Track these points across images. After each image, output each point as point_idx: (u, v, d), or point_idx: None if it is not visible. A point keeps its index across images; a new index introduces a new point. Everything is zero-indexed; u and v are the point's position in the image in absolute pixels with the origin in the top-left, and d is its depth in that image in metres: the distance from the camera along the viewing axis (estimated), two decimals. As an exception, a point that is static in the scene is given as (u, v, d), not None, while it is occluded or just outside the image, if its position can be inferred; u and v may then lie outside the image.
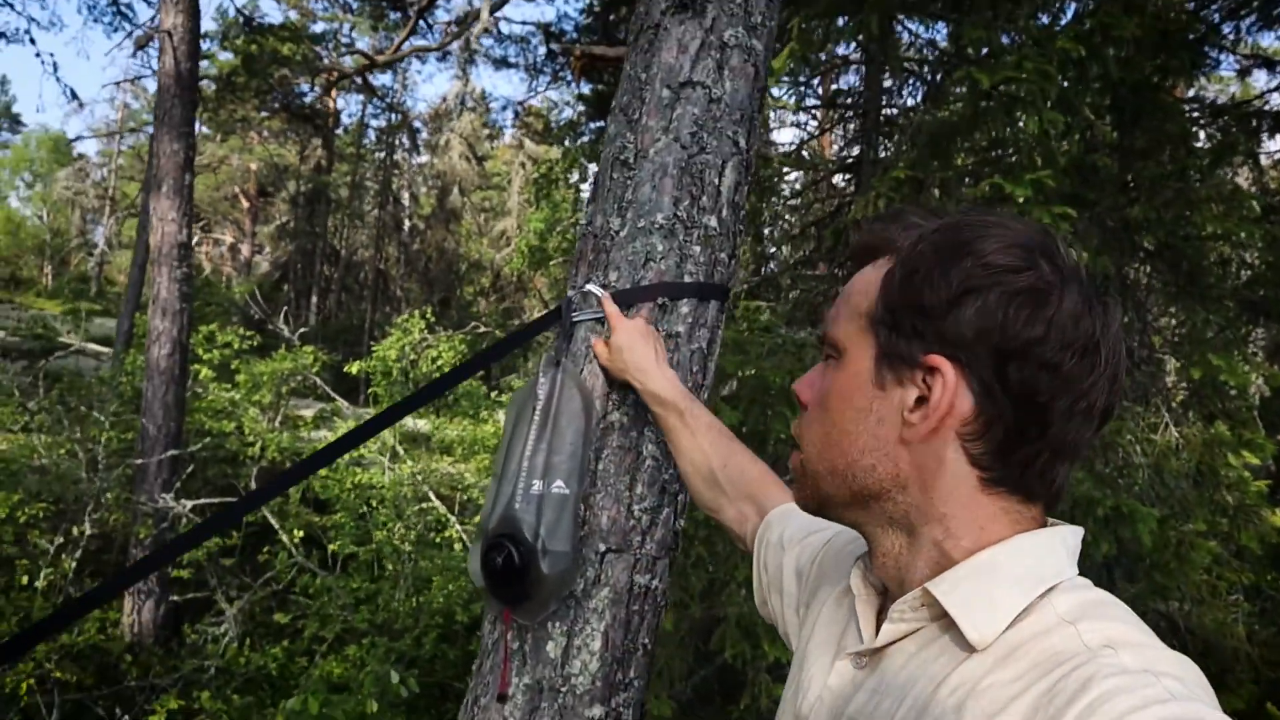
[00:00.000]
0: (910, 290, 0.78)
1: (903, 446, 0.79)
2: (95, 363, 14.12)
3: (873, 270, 0.84)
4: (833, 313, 0.88)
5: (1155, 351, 5.04)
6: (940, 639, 0.77)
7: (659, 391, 1.46)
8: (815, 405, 0.88)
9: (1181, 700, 0.60)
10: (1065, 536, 0.78)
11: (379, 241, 25.53)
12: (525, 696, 1.55)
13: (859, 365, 0.82)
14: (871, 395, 0.80)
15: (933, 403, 0.76)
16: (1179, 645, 4.78)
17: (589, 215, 1.74)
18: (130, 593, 6.82)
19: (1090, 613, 0.71)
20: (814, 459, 0.86)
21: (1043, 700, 0.65)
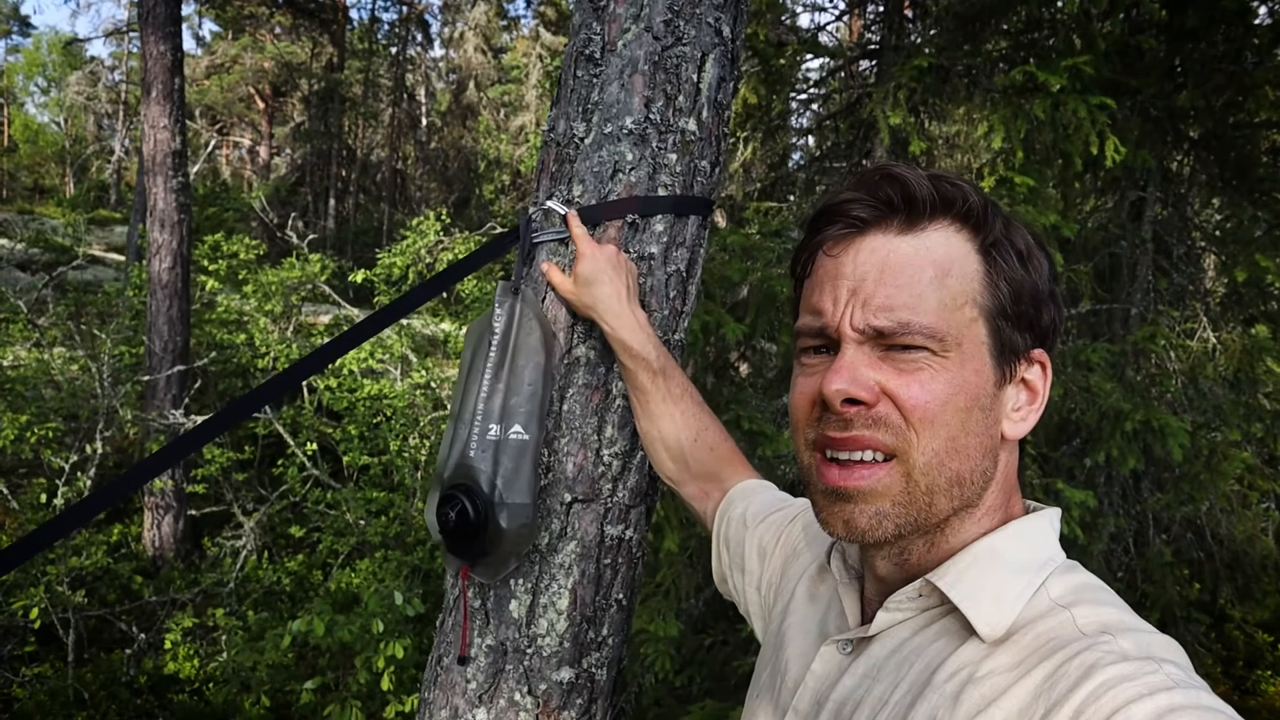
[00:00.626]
0: (1027, 278, 0.75)
1: (1004, 444, 0.77)
2: (114, 272, 14.10)
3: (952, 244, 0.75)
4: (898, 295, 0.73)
5: (1195, 249, 4.76)
6: (936, 624, 0.75)
7: (629, 340, 1.28)
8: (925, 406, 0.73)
9: (1185, 687, 0.59)
10: (1052, 519, 0.79)
11: (395, 140, 25.07)
12: (488, 659, 1.43)
13: (979, 361, 0.74)
14: (992, 394, 0.75)
15: (1040, 398, 0.77)
16: (1205, 555, 4.66)
17: (551, 120, 1.52)
18: (149, 508, 6.89)
19: (1083, 597, 0.71)
20: (933, 470, 0.74)
21: (1044, 686, 0.64)
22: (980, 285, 0.74)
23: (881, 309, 0.73)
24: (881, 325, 0.73)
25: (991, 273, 0.74)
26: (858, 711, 0.77)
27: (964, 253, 0.74)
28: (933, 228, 0.75)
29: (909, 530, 0.75)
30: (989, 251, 0.74)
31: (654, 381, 1.29)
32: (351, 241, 20.90)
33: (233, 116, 28.37)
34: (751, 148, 4.31)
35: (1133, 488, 4.44)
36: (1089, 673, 0.62)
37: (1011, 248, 0.75)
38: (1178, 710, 0.57)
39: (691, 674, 3.82)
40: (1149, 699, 0.58)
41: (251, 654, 4.29)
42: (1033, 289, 0.75)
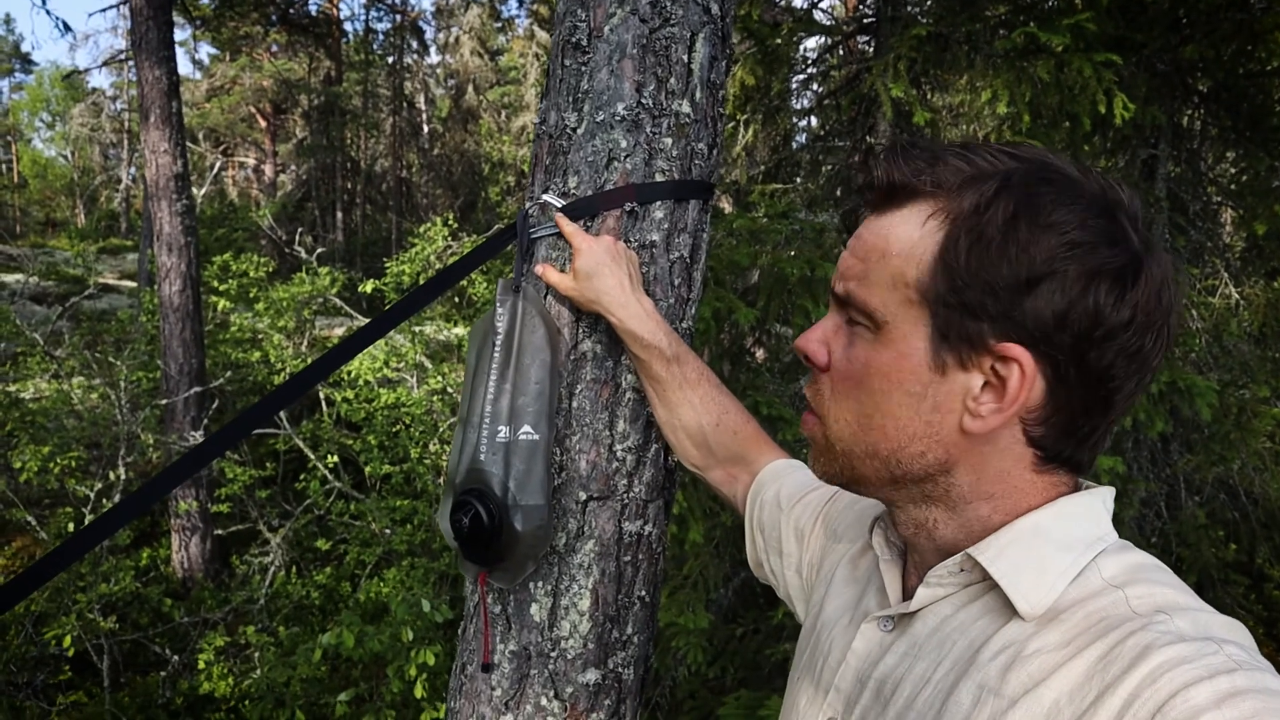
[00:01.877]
0: (981, 265, 0.68)
1: (962, 435, 0.72)
2: (128, 300, 14.20)
3: (914, 227, 0.73)
4: (856, 268, 0.77)
5: (1211, 203, 4.67)
6: (979, 600, 0.74)
7: (639, 330, 1.25)
8: (846, 378, 0.78)
9: (1247, 670, 0.57)
10: (1104, 497, 0.75)
11: (397, 149, 25.10)
12: (512, 664, 1.40)
13: (909, 344, 0.72)
14: (927, 379, 0.72)
15: (1009, 395, 0.69)
16: (1240, 515, 4.59)
17: (542, 113, 1.49)
18: (175, 530, 6.93)
19: (1137, 577, 0.68)
20: (847, 438, 0.78)
21: (1097, 667, 0.62)
22: (927, 267, 0.70)
23: (840, 278, 0.78)
24: (838, 291, 0.78)
25: (943, 255, 0.70)
26: (899, 689, 0.75)
27: (918, 233, 0.72)
28: (909, 206, 0.74)
29: (843, 483, 0.81)
30: (950, 233, 0.70)
31: (668, 369, 1.26)
32: (361, 253, 20.95)
33: (236, 137, 28.51)
34: (752, 130, 4.26)
35: (1161, 451, 4.37)
36: (1144, 654, 0.60)
37: (974, 229, 0.68)
38: (1240, 694, 0.55)
39: (724, 664, 3.79)
40: (1209, 682, 0.56)
41: (284, 669, 4.30)
42: (997, 276, 0.67)
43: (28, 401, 7.23)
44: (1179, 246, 4.23)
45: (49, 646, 4.85)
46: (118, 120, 29.58)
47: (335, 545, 6.08)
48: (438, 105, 27.34)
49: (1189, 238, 4.35)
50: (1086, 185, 0.70)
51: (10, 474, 5.94)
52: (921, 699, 0.72)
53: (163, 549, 7.11)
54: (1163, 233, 4.27)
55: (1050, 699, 0.63)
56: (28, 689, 4.86)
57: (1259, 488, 4.33)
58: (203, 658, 4.87)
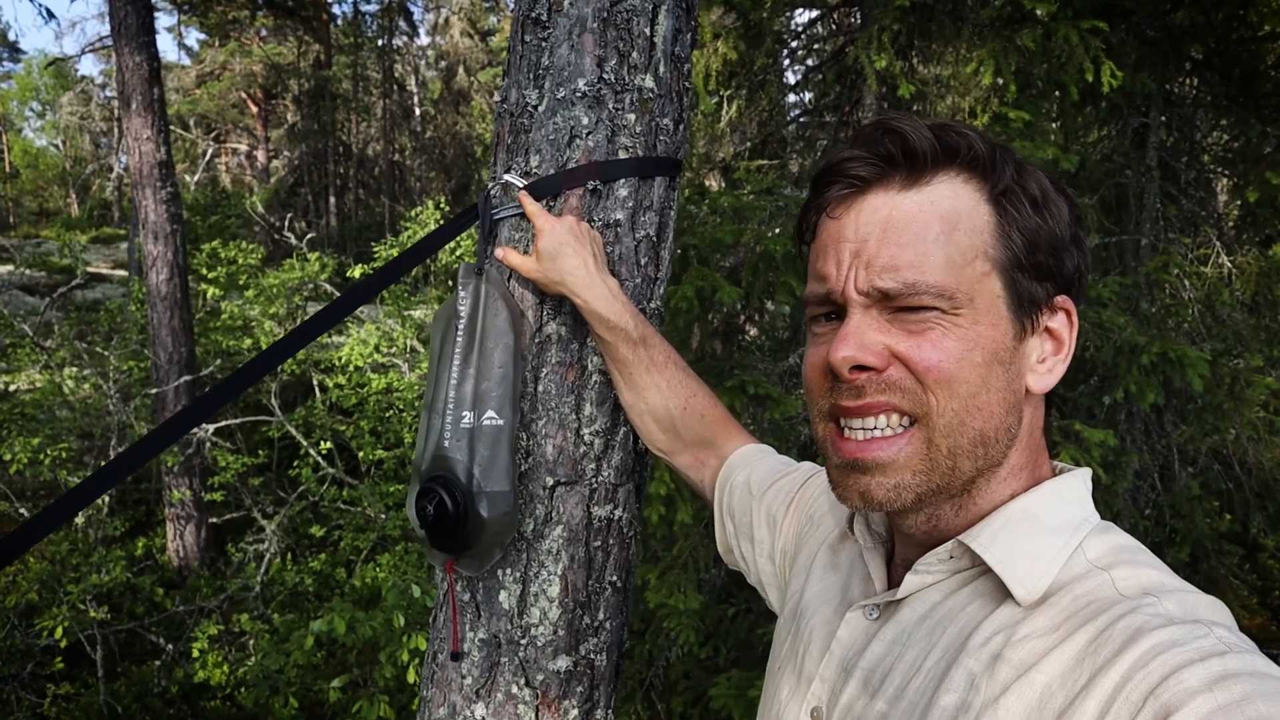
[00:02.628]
0: (1043, 227, 0.71)
1: (1028, 397, 0.74)
2: (121, 289, 14.15)
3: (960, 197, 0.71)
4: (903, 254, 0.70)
5: (1204, 172, 4.62)
6: (968, 586, 0.73)
7: (604, 311, 1.21)
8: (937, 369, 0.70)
9: (1238, 652, 0.57)
10: (1084, 479, 0.76)
11: (389, 133, 24.95)
12: (482, 652, 1.38)
13: (996, 315, 0.71)
14: (1012, 348, 0.72)
15: (1066, 347, 0.73)
16: (1234, 485, 4.57)
17: (503, 91, 1.45)
18: (170, 520, 6.93)
19: (1121, 559, 0.68)
20: (955, 432, 0.71)
21: (1088, 650, 0.62)
22: (992, 237, 0.71)
23: (886, 269, 0.71)
24: (887, 287, 0.71)
25: (1004, 223, 0.71)
26: (889, 678, 0.75)
27: (972, 203, 0.71)
28: (938, 180, 0.72)
29: (930, 498, 0.73)
30: (999, 200, 0.71)
31: (635, 352, 1.23)
32: (354, 237, 20.88)
33: (227, 124, 28.34)
34: (736, 106, 4.21)
35: (1155, 422, 4.35)
36: (1135, 637, 0.60)
37: (1025, 194, 0.71)
38: (1231, 677, 0.55)
39: (717, 644, 3.79)
40: (1200, 665, 0.56)
41: (279, 656, 4.30)
42: (1050, 236, 0.72)
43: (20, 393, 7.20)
44: (1170, 215, 4.19)
45: (40, 638, 4.85)
46: (107, 108, 29.38)
47: (329, 531, 6.08)
48: (429, 87, 27.17)
49: (1181, 207, 4.31)
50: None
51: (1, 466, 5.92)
52: (913, 687, 0.72)
53: (158, 538, 7.11)
54: (1155, 202, 4.23)
55: (1042, 683, 0.63)
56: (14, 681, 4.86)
57: (1253, 457, 4.31)
58: (197, 646, 4.88)
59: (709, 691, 3.29)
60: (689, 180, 4.22)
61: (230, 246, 8.31)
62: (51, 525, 1.05)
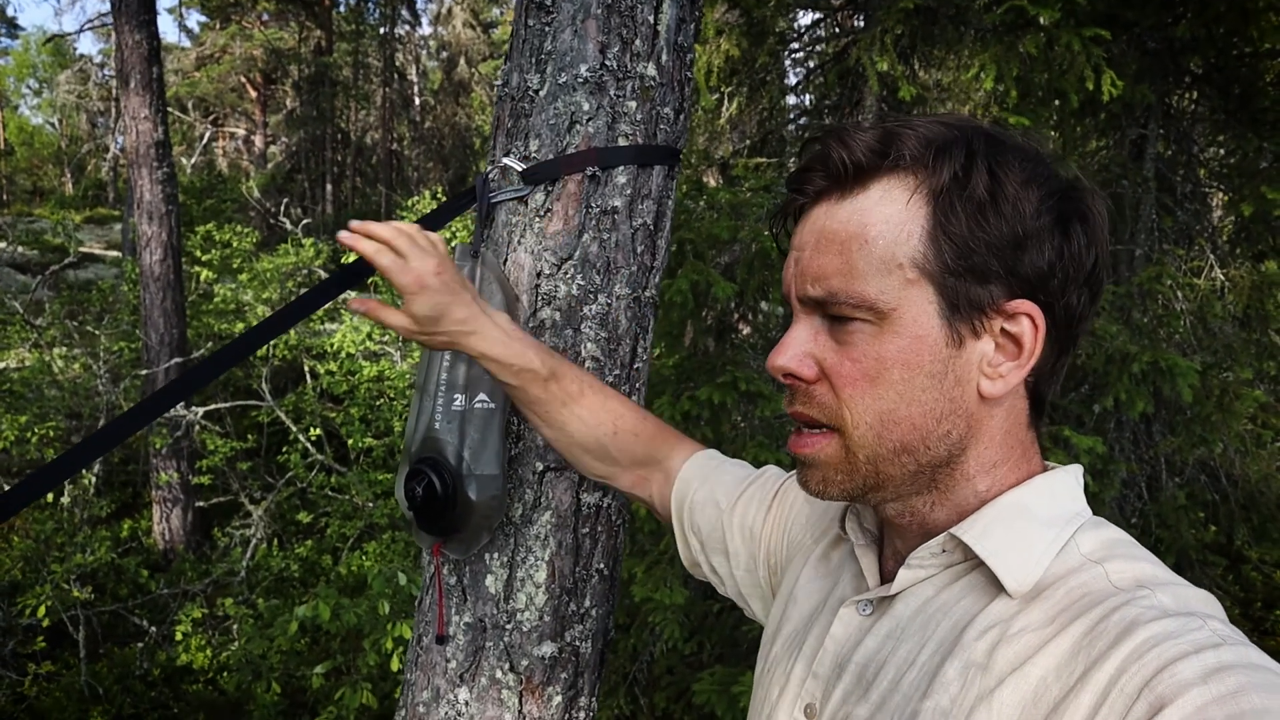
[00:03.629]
0: (982, 228, 0.68)
1: (981, 402, 0.72)
2: (114, 270, 14.08)
3: (888, 203, 0.70)
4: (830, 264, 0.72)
5: (1200, 186, 4.64)
6: (962, 580, 0.73)
7: (502, 355, 1.08)
8: (857, 380, 0.72)
9: (1232, 644, 0.57)
10: (1077, 474, 0.76)
11: (388, 121, 24.88)
12: (467, 636, 1.38)
13: (921, 325, 0.70)
14: (945, 355, 0.71)
15: (1026, 350, 0.70)
16: (1220, 497, 4.59)
17: (504, 75, 1.45)
18: (157, 502, 6.90)
19: (1114, 552, 0.69)
20: (871, 442, 0.73)
21: (1082, 643, 0.62)
22: (920, 242, 0.69)
23: (815, 279, 0.73)
24: (815, 295, 0.73)
25: (934, 227, 0.69)
26: (882, 673, 0.74)
27: (901, 208, 0.70)
28: (873, 187, 0.71)
29: (861, 493, 0.76)
30: (934, 202, 0.69)
31: (547, 389, 1.12)
32: (350, 226, 20.77)
33: (226, 107, 28.21)
34: (737, 103, 4.21)
35: (1144, 432, 4.37)
36: (1129, 629, 0.60)
37: (962, 193, 0.68)
38: (1226, 669, 0.55)
39: (701, 640, 3.79)
40: (1195, 657, 0.56)
41: (262, 641, 4.28)
42: (994, 237, 0.68)
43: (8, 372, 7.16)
44: (1165, 227, 4.21)
45: (23, 616, 4.82)
46: (105, 87, 29.21)
47: (317, 518, 6.06)
48: (429, 77, 27.09)
49: (1176, 219, 4.32)
50: (1014, 139, 0.72)
51: (-12, 443, 5.89)
52: (907, 681, 0.71)
53: (144, 520, 7.08)
54: (1151, 213, 4.24)
55: (1037, 676, 0.63)
56: (-5, 659, 4.85)
57: (1239, 469, 4.34)
58: (181, 629, 4.86)
59: (692, 686, 3.30)
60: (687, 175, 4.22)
61: (225, 230, 8.27)
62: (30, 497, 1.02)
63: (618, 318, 1.38)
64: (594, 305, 1.36)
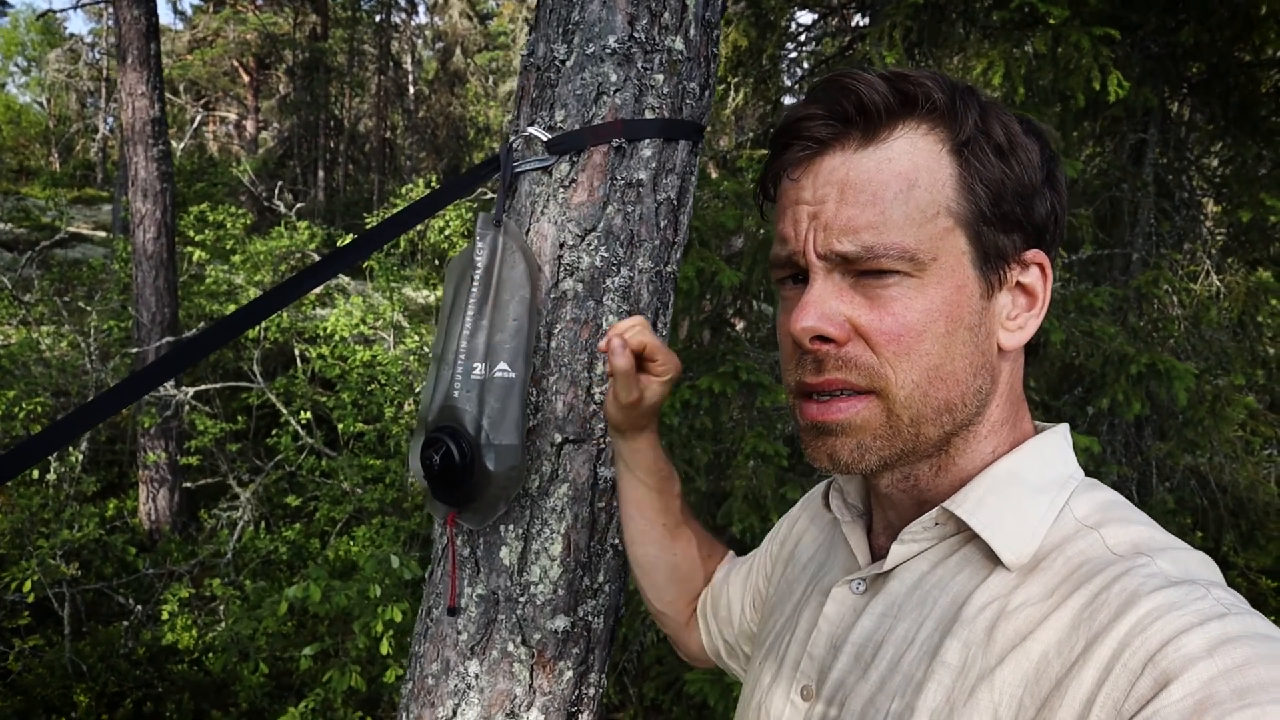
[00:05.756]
0: (1009, 176, 0.68)
1: (1000, 355, 0.72)
2: (102, 250, 13.96)
3: (919, 150, 0.68)
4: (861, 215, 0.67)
5: (1196, 192, 4.67)
6: (957, 554, 0.71)
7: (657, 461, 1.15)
8: (899, 337, 0.68)
9: (1237, 614, 0.56)
10: (1065, 434, 0.75)
11: (382, 110, 24.76)
12: (479, 609, 1.37)
13: (961, 274, 0.68)
14: (979, 307, 0.69)
15: (1040, 299, 0.71)
16: (1209, 502, 4.63)
17: (530, 44, 1.44)
18: (144, 482, 6.85)
19: (1111, 516, 0.67)
20: (918, 402, 0.69)
21: (1083, 615, 0.61)
22: (954, 190, 0.67)
23: (844, 232, 0.68)
24: (845, 250, 0.67)
25: (966, 175, 0.67)
26: (880, 652, 0.73)
27: (932, 157, 0.68)
28: (896, 135, 0.68)
29: (896, 460, 0.71)
30: (961, 151, 0.68)
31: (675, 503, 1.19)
32: (342, 213, 20.69)
33: (218, 91, 28.00)
34: (743, 94, 4.20)
35: (1135, 436, 4.40)
36: (1131, 600, 0.58)
37: (988, 142, 0.68)
38: (1231, 641, 0.54)
39: (693, 631, 3.79)
40: (1200, 629, 0.55)
41: (250, 622, 4.26)
42: (1017, 184, 0.68)
43: (-3, 349, 7.10)
44: (1163, 231, 4.23)
45: (8, 591, 4.78)
46: (96, 68, 28.94)
47: (305, 502, 6.02)
48: (424, 67, 26.99)
49: (1173, 224, 4.35)
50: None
51: (-27, 419, 5.83)
52: (907, 660, 0.70)
53: (130, 500, 7.02)
54: (1148, 218, 4.27)
55: (1039, 651, 0.62)
56: (-18, 632, 4.80)
57: (1228, 476, 4.37)
58: (166, 609, 4.82)
59: (684, 676, 3.29)
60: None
61: (219, 211, 8.21)
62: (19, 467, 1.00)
63: (640, 291, 1.37)
64: (617, 278, 1.35)
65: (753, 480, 3.30)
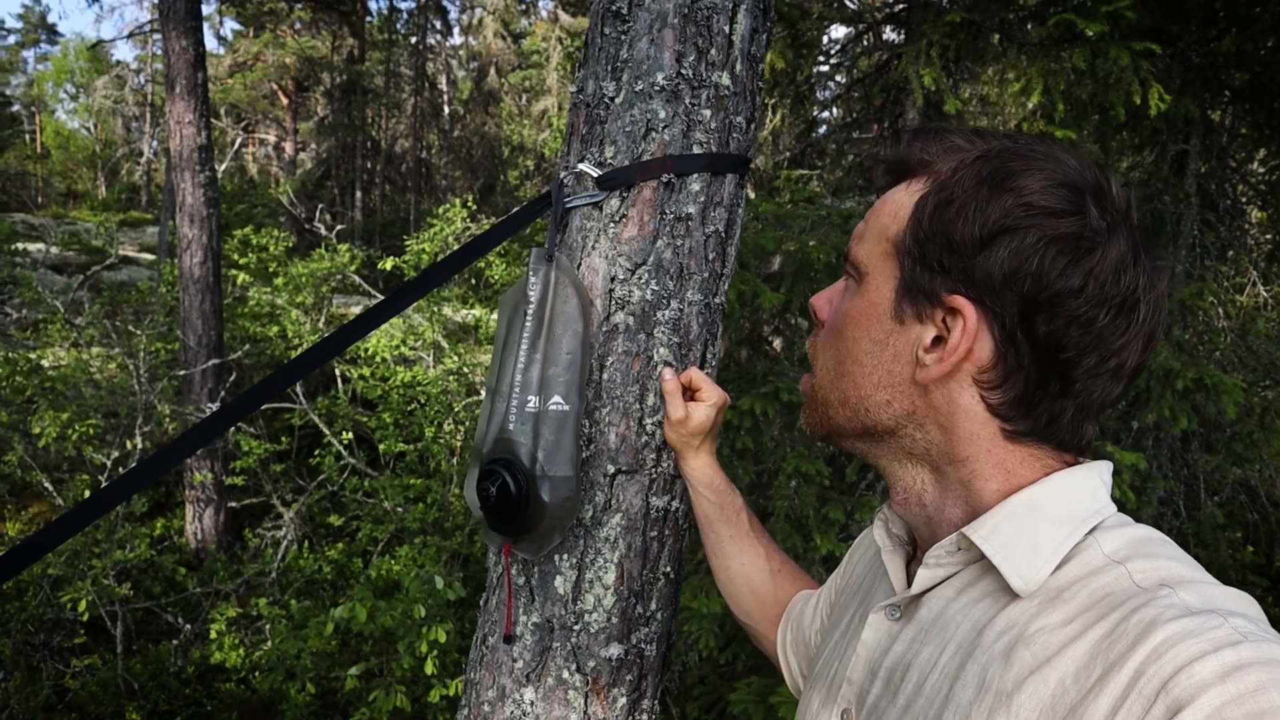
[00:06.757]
0: (941, 221, 0.72)
1: (915, 386, 0.75)
2: (148, 272, 14.27)
3: (905, 192, 0.78)
4: (859, 230, 0.83)
5: (1239, 201, 4.60)
6: (981, 581, 0.73)
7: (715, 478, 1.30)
8: (831, 328, 0.83)
9: (1253, 641, 0.55)
10: (1100, 471, 0.74)
11: (418, 130, 25.08)
12: (534, 637, 1.39)
13: (880, 294, 0.77)
14: (889, 328, 0.76)
15: (949, 345, 0.72)
16: (1260, 517, 4.54)
17: (579, 81, 1.47)
18: (190, 502, 6.97)
19: (1140, 551, 0.67)
20: (825, 386, 0.83)
21: (1102, 645, 0.61)
22: (902, 224, 0.76)
23: (853, 240, 0.84)
24: (844, 250, 0.85)
25: (915, 211, 0.75)
26: (907, 676, 0.75)
27: (904, 198, 0.77)
28: (909, 182, 0.79)
29: (822, 435, 0.85)
30: (923, 194, 0.76)
31: (739, 518, 1.29)
32: (379, 232, 20.97)
33: (257, 114, 28.53)
34: (780, 115, 4.23)
35: (1181, 450, 4.33)
36: (1149, 630, 0.59)
37: (949, 191, 0.73)
38: (1245, 667, 0.54)
39: (735, 651, 3.78)
40: (1214, 656, 0.55)
41: (295, 642, 4.31)
42: (953, 232, 0.71)
43: (48, 369, 7.28)
44: (1208, 243, 4.17)
45: (65, 610, 4.89)
46: (141, 94, 29.65)
47: (348, 522, 6.10)
48: (459, 87, 27.30)
49: (1218, 234, 4.29)
50: (1066, 163, 0.71)
51: (29, 439, 5.98)
52: (929, 684, 0.72)
53: (176, 520, 7.16)
54: (1192, 229, 4.21)
55: (1055, 679, 0.62)
56: (44, 650, 4.91)
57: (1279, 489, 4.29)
58: (214, 628, 4.90)
59: (728, 696, 3.29)
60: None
61: (262, 233, 8.37)
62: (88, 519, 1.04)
63: (689, 323, 1.39)
64: (667, 311, 1.37)
65: (794, 500, 3.30)
